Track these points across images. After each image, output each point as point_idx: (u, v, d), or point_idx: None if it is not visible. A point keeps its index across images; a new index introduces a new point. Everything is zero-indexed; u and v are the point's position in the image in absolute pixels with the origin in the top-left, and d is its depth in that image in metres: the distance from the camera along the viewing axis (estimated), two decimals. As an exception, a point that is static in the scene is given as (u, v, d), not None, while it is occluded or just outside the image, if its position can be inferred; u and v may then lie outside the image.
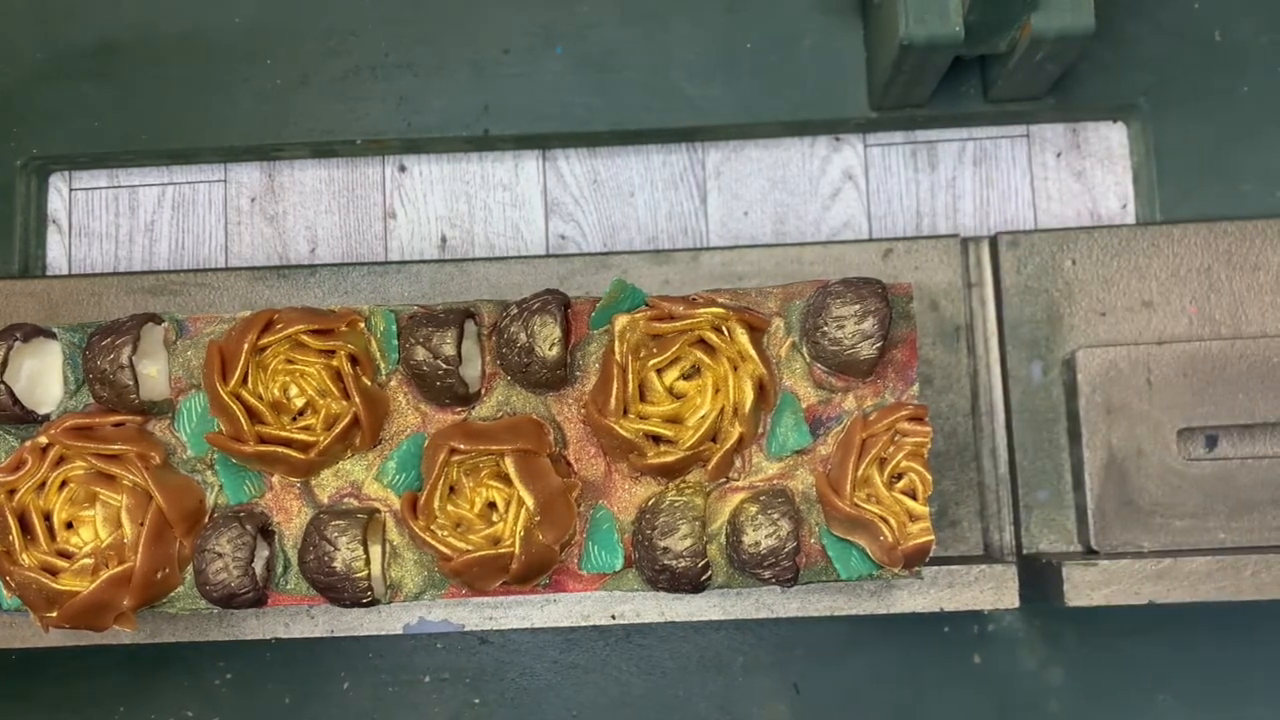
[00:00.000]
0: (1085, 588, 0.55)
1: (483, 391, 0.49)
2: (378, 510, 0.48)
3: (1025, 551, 0.57)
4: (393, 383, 0.49)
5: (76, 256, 0.65)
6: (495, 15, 0.64)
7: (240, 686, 0.59)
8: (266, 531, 0.48)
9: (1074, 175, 0.64)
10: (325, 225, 0.65)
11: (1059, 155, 0.64)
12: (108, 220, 0.65)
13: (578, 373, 0.49)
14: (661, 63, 0.63)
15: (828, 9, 0.62)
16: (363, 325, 0.48)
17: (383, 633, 0.58)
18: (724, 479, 0.48)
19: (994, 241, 0.58)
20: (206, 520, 0.48)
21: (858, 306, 0.46)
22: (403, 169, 0.65)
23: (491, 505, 0.46)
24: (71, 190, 0.65)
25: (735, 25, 0.63)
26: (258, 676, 0.59)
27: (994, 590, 0.55)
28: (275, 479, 0.49)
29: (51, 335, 0.49)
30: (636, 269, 0.58)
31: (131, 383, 0.47)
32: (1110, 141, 0.64)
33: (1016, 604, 0.55)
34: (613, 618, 0.57)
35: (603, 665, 0.59)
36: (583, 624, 0.57)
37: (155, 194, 0.65)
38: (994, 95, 0.61)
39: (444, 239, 0.64)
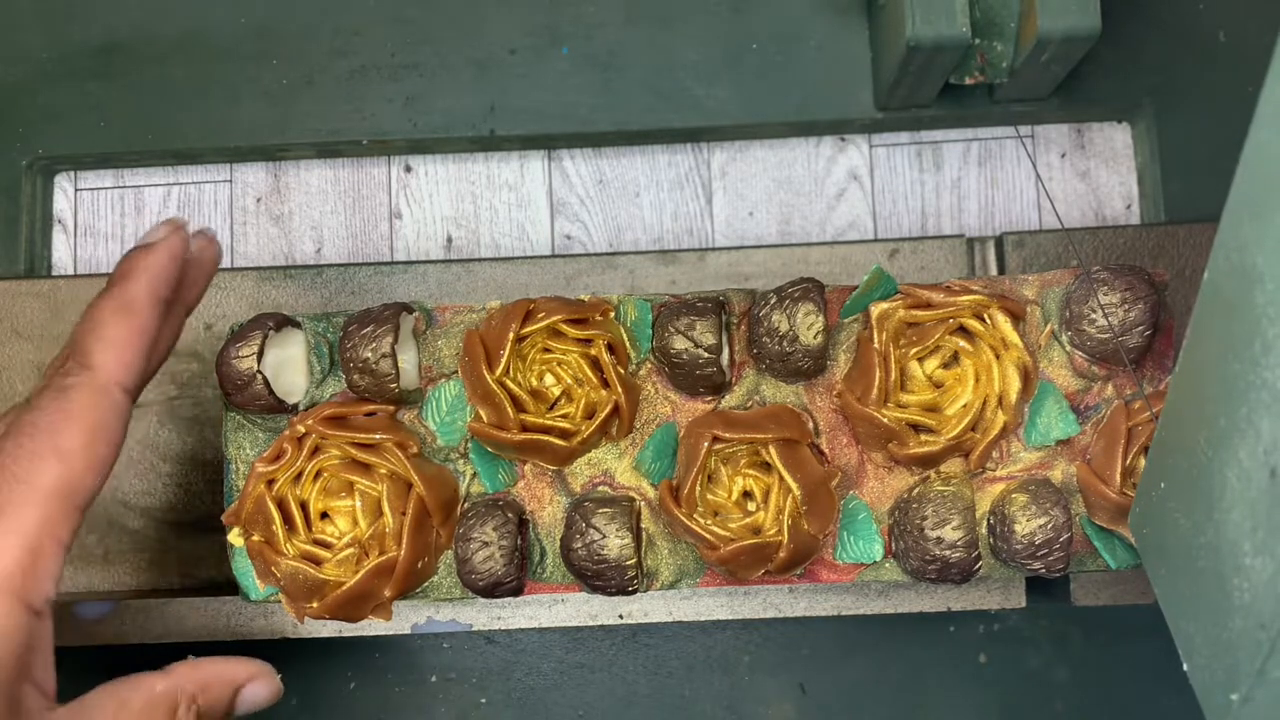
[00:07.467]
0: (1092, 587, 0.55)
1: (733, 380, 0.48)
2: (634, 498, 0.48)
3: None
4: (642, 372, 0.49)
5: (82, 256, 0.65)
6: (500, 15, 0.64)
7: (247, 686, 0.59)
8: (520, 520, 0.47)
9: (1079, 175, 0.64)
10: (331, 225, 0.65)
11: (1064, 156, 0.64)
12: (113, 220, 0.65)
13: (828, 361, 0.48)
14: (667, 63, 0.63)
15: (833, 10, 0.62)
16: (612, 314, 0.48)
17: (390, 633, 0.58)
18: (981, 469, 0.47)
19: (1000, 242, 0.58)
20: (461, 509, 0.48)
21: (1128, 293, 0.45)
22: (408, 169, 0.65)
23: (747, 494, 0.46)
24: (77, 190, 0.65)
25: (740, 26, 0.63)
26: (264, 676, 0.59)
27: (1001, 590, 0.55)
28: (527, 468, 0.48)
29: (296, 325, 0.48)
30: (643, 269, 0.59)
31: (393, 371, 0.46)
32: (1115, 142, 0.64)
33: (1023, 604, 0.55)
34: (620, 617, 0.57)
35: (609, 665, 0.59)
36: (590, 624, 0.57)
37: (161, 194, 0.65)
38: (999, 96, 0.62)
39: (449, 239, 0.64)
